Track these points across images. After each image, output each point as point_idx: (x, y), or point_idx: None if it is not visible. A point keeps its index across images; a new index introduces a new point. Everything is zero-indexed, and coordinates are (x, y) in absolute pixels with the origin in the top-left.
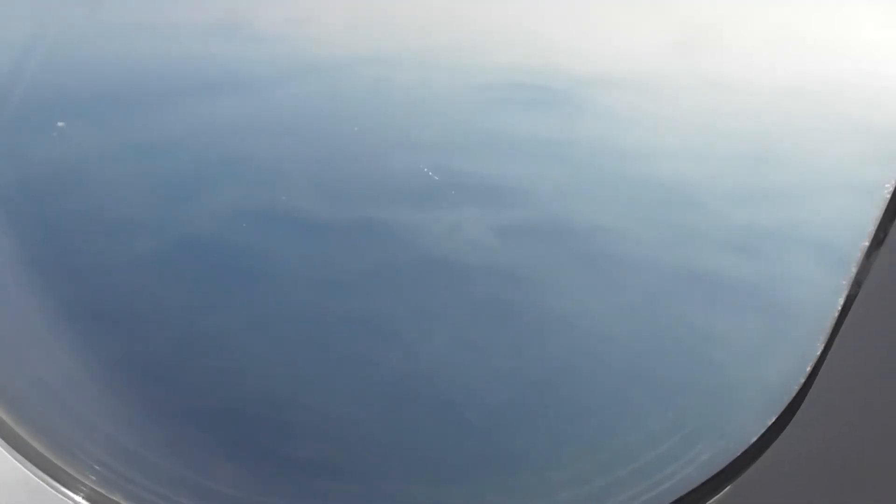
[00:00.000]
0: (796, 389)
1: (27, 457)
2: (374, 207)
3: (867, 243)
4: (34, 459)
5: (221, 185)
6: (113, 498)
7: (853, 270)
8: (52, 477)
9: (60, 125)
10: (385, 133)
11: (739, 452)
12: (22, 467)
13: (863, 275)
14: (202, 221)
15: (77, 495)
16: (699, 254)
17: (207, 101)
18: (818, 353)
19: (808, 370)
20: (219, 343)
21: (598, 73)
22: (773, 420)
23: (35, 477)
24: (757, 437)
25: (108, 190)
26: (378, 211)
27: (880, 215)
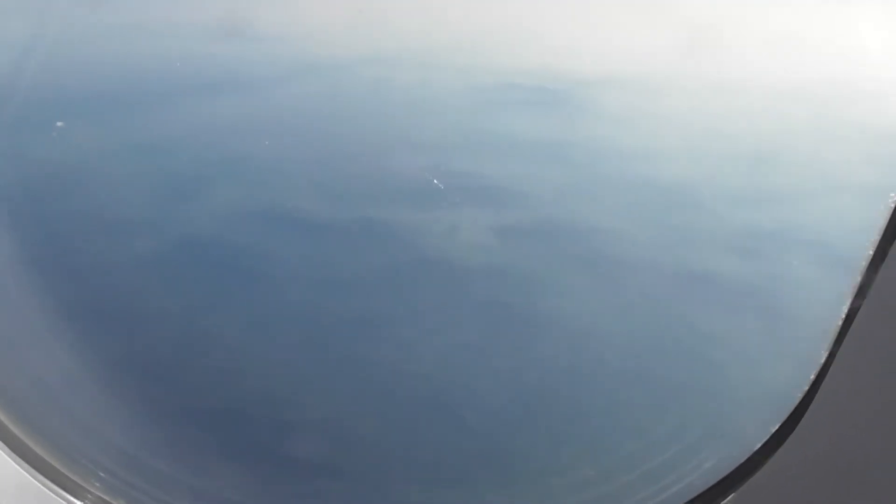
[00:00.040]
0: (800, 395)
1: (29, 461)
2: (374, 207)
3: (871, 252)
4: (36, 464)
5: (221, 185)
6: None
7: (858, 277)
8: (57, 483)
9: (60, 125)
10: (385, 133)
11: (744, 458)
12: (24, 472)
13: (868, 282)
14: (202, 221)
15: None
16: (700, 256)
17: (207, 101)
18: (822, 359)
19: (813, 376)
20: (219, 343)
21: (598, 74)
22: (778, 426)
23: (38, 483)
24: (761, 444)
25: (108, 190)
26: (378, 211)
27: (885, 224)
